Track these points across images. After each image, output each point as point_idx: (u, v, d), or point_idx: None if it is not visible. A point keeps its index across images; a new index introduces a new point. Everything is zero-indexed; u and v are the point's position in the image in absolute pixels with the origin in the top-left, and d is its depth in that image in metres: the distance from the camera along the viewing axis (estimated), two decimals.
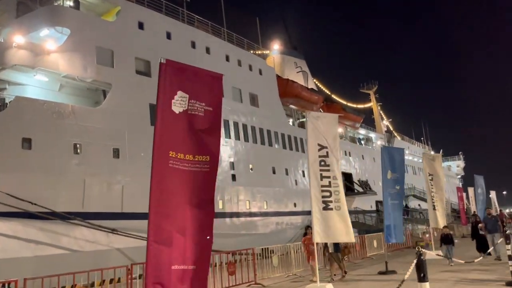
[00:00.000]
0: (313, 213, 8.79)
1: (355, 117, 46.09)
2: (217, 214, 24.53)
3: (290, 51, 47.64)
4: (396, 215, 12.28)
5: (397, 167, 12.57)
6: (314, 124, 9.21)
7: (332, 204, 9.02)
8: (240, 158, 26.90)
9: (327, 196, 9.02)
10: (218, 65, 26.97)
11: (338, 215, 8.98)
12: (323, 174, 9.08)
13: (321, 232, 8.77)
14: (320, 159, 9.13)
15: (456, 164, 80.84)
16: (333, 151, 9.17)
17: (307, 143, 9.34)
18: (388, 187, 12.31)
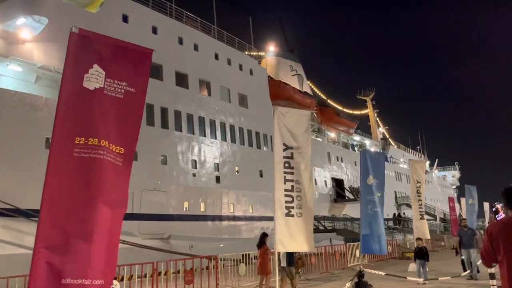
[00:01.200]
0: (275, 219, 7.93)
1: (349, 122, 45.31)
2: (198, 217, 23.70)
3: (286, 54, 46.89)
4: (377, 224, 11.39)
5: (378, 172, 11.71)
6: (282, 121, 8.36)
7: (294, 210, 8.14)
8: (225, 160, 26.04)
9: (289, 201, 8.15)
10: (205, 62, 26.21)
11: (300, 222, 8.10)
12: (286, 177, 8.21)
13: (284, 241, 7.91)
14: (285, 161, 8.28)
15: (451, 174, 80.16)
16: (302, 153, 8.31)
17: (273, 141, 8.51)
18: (367, 194, 11.44)
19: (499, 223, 3.78)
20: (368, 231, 11.26)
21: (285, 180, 8.16)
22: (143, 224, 20.29)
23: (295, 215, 8.12)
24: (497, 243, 3.60)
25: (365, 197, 11.44)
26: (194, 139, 24.10)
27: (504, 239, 3.54)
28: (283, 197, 8.07)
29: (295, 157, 8.29)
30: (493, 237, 3.63)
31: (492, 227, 3.77)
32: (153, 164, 21.45)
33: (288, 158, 8.27)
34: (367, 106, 70.65)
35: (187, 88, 24.61)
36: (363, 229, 11.31)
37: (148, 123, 21.77)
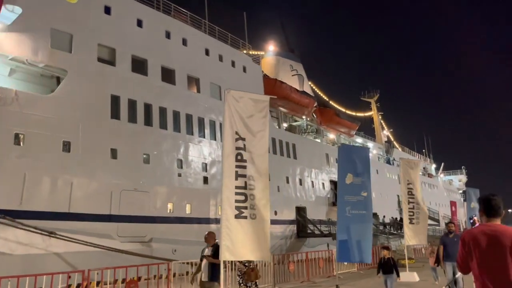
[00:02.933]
0: (222, 221, 6.71)
1: (350, 123, 43.97)
2: (184, 220, 22.50)
3: (286, 54, 45.83)
4: (361, 229, 10.06)
5: (361, 169, 10.41)
6: (234, 107, 7.18)
7: (246, 211, 6.94)
8: (214, 160, 24.84)
9: (241, 200, 6.95)
10: (195, 58, 25.11)
11: (253, 225, 6.91)
12: (238, 172, 7.01)
13: (232, 247, 6.69)
14: (237, 152, 7.08)
15: (458, 178, 78.29)
16: (258, 144, 7.13)
17: (223, 129, 7.31)
18: (346, 194, 10.15)
19: (472, 230, 3.80)
20: (345, 236, 9.93)
21: (236, 175, 6.97)
22: (122, 227, 19.16)
23: (248, 217, 6.92)
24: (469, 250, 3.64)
25: (343, 198, 10.14)
26: (180, 137, 22.96)
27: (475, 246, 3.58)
28: (233, 196, 6.88)
29: (249, 148, 7.11)
30: (466, 243, 3.67)
31: (465, 233, 3.81)
32: (135, 163, 20.33)
33: (240, 150, 7.08)
34: (371, 108, 69.31)
35: (174, 84, 23.51)
36: (339, 234, 9.97)
37: (130, 120, 20.70)
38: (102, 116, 19.50)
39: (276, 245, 28.53)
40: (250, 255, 7.00)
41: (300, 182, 32.31)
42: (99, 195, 18.57)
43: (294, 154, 32.29)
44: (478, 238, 3.59)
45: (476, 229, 3.76)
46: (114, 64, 20.69)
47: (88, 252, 16.72)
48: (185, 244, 21.48)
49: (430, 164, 76.35)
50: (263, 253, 7.00)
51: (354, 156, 10.36)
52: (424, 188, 61.52)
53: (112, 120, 19.93)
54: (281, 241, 29.12)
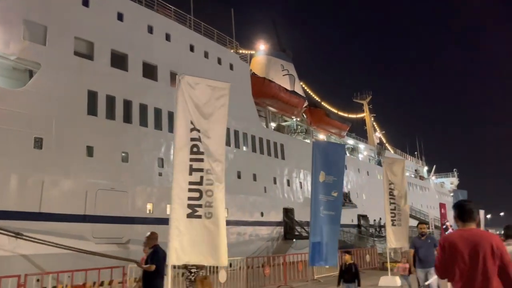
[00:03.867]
0: (172, 221, 5.94)
1: (340, 124, 43.36)
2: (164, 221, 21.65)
3: (277, 53, 45.13)
4: (330, 230, 9.37)
5: (334, 167, 9.70)
6: (189, 94, 6.44)
7: (201, 210, 6.19)
8: None
9: (195, 197, 6.21)
10: (179, 54, 24.35)
11: (209, 226, 6.17)
12: (193, 165, 6.26)
13: (182, 251, 5.94)
14: (192, 144, 6.34)
15: (449, 181, 78.03)
16: (215, 136, 6.41)
17: (175, 119, 6.57)
18: (319, 193, 9.45)
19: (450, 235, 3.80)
20: (319, 238, 9.22)
21: (191, 169, 6.24)
22: (97, 227, 18.33)
23: (203, 216, 6.18)
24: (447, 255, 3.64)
25: (316, 197, 9.41)
26: (161, 135, 22.17)
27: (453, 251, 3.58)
28: (185, 192, 6.13)
29: (205, 140, 6.38)
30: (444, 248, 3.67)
31: (443, 238, 3.84)
32: (112, 161, 19.52)
33: (196, 141, 6.35)
34: (363, 109, 68.90)
35: (156, 80, 22.74)
36: (313, 235, 9.22)
37: (108, 116, 19.90)
38: (78, 112, 18.70)
39: (262, 247, 27.83)
40: (203, 259, 6.23)
41: (288, 183, 31.62)
42: (73, 194, 17.76)
43: (282, 154, 31.60)
44: (456, 242, 3.59)
45: (454, 234, 3.77)
46: (92, 58, 19.90)
47: (59, 254, 15.87)
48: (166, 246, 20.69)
49: (422, 166, 76.05)
50: (219, 257, 6.24)
51: (329, 153, 9.64)
52: (415, 190, 61.15)
53: (89, 116, 19.12)
54: (268, 243, 28.41)
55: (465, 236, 3.59)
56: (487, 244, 3.47)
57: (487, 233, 3.76)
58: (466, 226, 3.68)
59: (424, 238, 8.78)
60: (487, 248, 3.45)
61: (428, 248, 8.58)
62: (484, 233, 3.69)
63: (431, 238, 8.88)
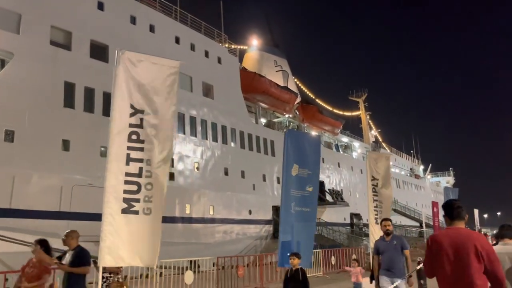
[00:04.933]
0: (105, 216, 5.18)
1: (333, 121, 42.61)
2: None
3: (270, 49, 44.39)
4: (304, 228, 8.59)
5: (309, 160, 8.92)
6: (131, 73, 5.63)
7: (139, 205, 5.43)
8: (182, 155, 23.32)
9: (132, 191, 5.46)
10: (164, 46, 23.54)
11: (146, 223, 5.38)
12: (131, 154, 5.46)
13: (114, 249, 5.16)
14: (131, 130, 5.56)
15: (445, 180, 77.33)
16: (160, 122, 5.66)
17: (112, 101, 5.77)
18: (291, 187, 8.67)
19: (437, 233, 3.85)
20: (289, 236, 8.45)
21: (128, 159, 5.47)
22: (73, 225, 17.47)
23: (140, 212, 5.43)
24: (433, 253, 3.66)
25: (288, 192, 8.60)
26: None
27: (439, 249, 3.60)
28: (121, 184, 5.36)
29: (148, 127, 5.62)
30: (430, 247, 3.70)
31: (430, 237, 3.84)
32: (90, 156, 18.71)
33: (136, 127, 5.59)
34: (359, 107, 68.27)
35: None
36: (282, 233, 8.41)
37: (86, 109, 19.10)
38: (53, 104, 17.89)
39: (250, 246, 27.10)
40: (137, 260, 5.46)
41: (278, 180, 30.85)
42: (47, 190, 16.97)
43: (272, 151, 30.84)
44: (442, 241, 3.62)
45: (441, 232, 3.81)
46: (69, 48, 19.09)
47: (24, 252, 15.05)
48: None
49: (418, 165, 75.45)
50: (149, 257, 5.46)
51: (303, 144, 8.85)
52: (410, 189, 60.50)
53: (66, 109, 18.32)
54: (256, 242, 27.66)
55: (451, 235, 3.63)
56: (471, 243, 3.48)
57: (473, 232, 3.75)
58: (454, 225, 3.71)
59: (389, 238, 6.94)
60: (472, 247, 3.46)
61: (394, 252, 6.75)
62: (470, 232, 3.67)
63: (397, 239, 7.00)
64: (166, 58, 6.27)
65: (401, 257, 6.80)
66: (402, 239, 7.09)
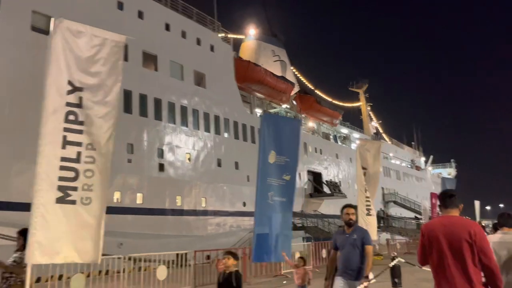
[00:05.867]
0: (34, 206, 4.46)
1: (331, 112, 41.81)
2: (134, 211, 20.28)
3: (268, 38, 43.53)
4: (282, 219, 7.86)
5: (287, 146, 8.19)
6: (70, 45, 4.85)
7: (76, 193, 4.74)
8: (173, 145, 22.65)
9: (70, 178, 4.74)
10: (153, 33, 22.79)
11: (85, 214, 4.66)
12: (68, 137, 4.73)
13: (47, 244, 4.47)
14: (69, 110, 4.85)
15: (447, 171, 76.59)
16: (101, 100, 4.97)
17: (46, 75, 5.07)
18: (267, 176, 7.94)
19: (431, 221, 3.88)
20: (266, 229, 7.75)
21: (64, 142, 4.78)
22: None
23: (78, 202, 4.76)
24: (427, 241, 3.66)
25: (264, 181, 7.87)
26: (132, 119, 20.68)
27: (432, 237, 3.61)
28: (56, 171, 4.68)
29: (88, 107, 4.92)
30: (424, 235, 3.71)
31: (424, 225, 3.88)
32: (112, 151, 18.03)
33: (74, 107, 4.89)
34: (359, 98, 67.43)
35: (126, 60, 21.11)
36: (258, 226, 7.70)
37: None
38: (35, 93, 17.17)
39: (244, 239, 26.50)
40: (75, 255, 4.77)
41: None
42: (24, 182, 16.33)
43: None
44: (435, 229, 3.64)
45: (434, 220, 3.84)
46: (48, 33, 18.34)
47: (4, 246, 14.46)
48: (135, 237, 19.37)
49: (419, 156, 74.71)
50: (95, 253, 4.80)
51: (281, 130, 8.11)
52: (411, 180, 59.79)
53: None
54: (250, 235, 26.96)
55: (444, 223, 3.64)
56: (465, 231, 3.49)
57: (467, 220, 3.73)
58: (448, 213, 3.71)
59: (351, 230, 5.53)
60: (465, 235, 3.46)
61: (352, 248, 5.37)
62: (463, 220, 3.66)
63: (359, 232, 5.51)
64: (111, 32, 5.52)
65: (361, 254, 5.35)
66: (365, 232, 5.59)
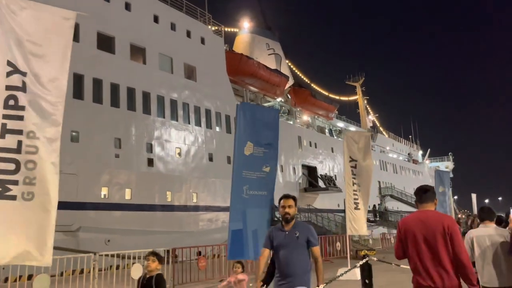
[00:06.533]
0: None
1: (326, 105, 41.40)
2: (122, 206, 19.89)
3: (262, 31, 43.07)
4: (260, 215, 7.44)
5: (266, 137, 7.74)
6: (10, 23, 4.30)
7: (17, 188, 4.32)
8: (162, 139, 22.22)
9: (8, 170, 4.29)
10: (141, 25, 22.28)
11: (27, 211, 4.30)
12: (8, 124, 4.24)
13: None
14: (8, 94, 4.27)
15: (445, 165, 76.21)
16: (48, 82, 4.57)
17: None
18: (244, 168, 7.49)
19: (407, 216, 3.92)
20: (241, 224, 7.33)
21: (4, 130, 4.31)
22: None
23: (18, 197, 4.36)
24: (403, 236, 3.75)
25: (239, 174, 7.42)
26: (119, 113, 20.24)
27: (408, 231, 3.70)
28: None
29: (30, 90, 4.51)
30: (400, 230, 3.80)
31: (401, 220, 3.92)
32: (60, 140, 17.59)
33: (15, 90, 4.45)
34: (356, 92, 67.06)
35: (113, 53, 20.71)
36: (232, 221, 7.26)
37: None
38: None
39: None
40: (17, 257, 4.36)
41: None
42: None
43: None
44: (411, 224, 3.74)
45: (410, 215, 3.90)
46: None
47: None
48: (123, 233, 18.99)
49: (416, 150, 74.43)
50: (41, 254, 4.38)
51: (259, 119, 7.65)
52: (407, 174, 59.49)
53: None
54: None
55: (420, 217, 3.72)
56: (439, 224, 3.58)
57: (441, 214, 3.82)
58: (423, 207, 3.78)
59: (289, 227, 4.38)
60: (439, 228, 3.56)
61: (294, 249, 4.29)
62: (438, 214, 3.76)
63: (301, 229, 4.38)
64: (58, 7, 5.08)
65: (306, 256, 4.33)
66: (309, 229, 4.45)
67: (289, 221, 4.39)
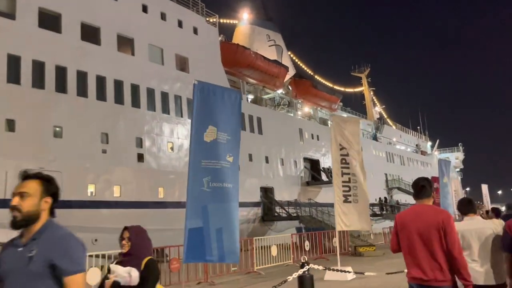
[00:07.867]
0: None
1: (329, 96, 40.20)
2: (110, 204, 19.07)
3: (263, 22, 41.92)
4: (224, 210, 6.45)
5: (228, 121, 6.77)
6: None
7: None
8: (152, 134, 21.34)
9: None
10: (128, 15, 21.36)
11: None
12: None
13: None
14: None
15: (455, 156, 74.46)
16: None
17: None
18: (204, 157, 6.43)
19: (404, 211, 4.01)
20: (201, 222, 6.34)
21: None
22: None
23: None
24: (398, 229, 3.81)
25: (197, 164, 6.41)
26: (106, 107, 19.39)
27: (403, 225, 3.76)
28: None
29: None
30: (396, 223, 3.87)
31: (397, 214, 4.04)
32: (41, 137, 16.85)
33: None
34: (362, 83, 65.73)
35: (99, 44, 19.84)
36: (190, 219, 6.25)
37: (35, 85, 17.16)
38: None
39: None
40: None
41: (266, 160, 28.82)
42: None
43: (259, 129, 28.73)
44: (407, 217, 3.81)
45: (407, 209, 4.01)
46: (13, 17, 17.05)
47: None
48: (111, 232, 18.15)
49: (425, 141, 72.84)
50: None
51: (220, 101, 6.65)
52: (415, 165, 58.07)
53: (10, 84, 16.40)
54: (242, 226, 25.78)
55: (416, 211, 3.80)
56: (434, 218, 3.63)
57: (438, 209, 3.88)
58: (421, 202, 3.82)
59: (28, 239, 2.19)
60: (435, 222, 3.60)
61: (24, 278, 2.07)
62: (434, 208, 3.79)
63: (48, 239, 2.14)
64: None
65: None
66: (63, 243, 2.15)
67: (20, 225, 2.22)
